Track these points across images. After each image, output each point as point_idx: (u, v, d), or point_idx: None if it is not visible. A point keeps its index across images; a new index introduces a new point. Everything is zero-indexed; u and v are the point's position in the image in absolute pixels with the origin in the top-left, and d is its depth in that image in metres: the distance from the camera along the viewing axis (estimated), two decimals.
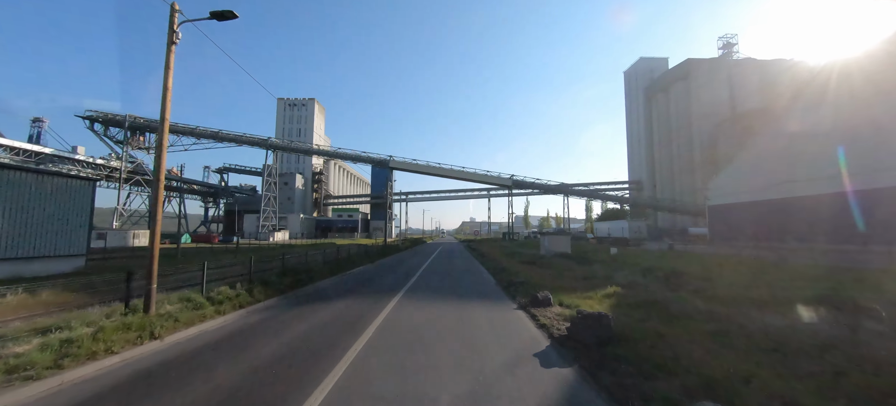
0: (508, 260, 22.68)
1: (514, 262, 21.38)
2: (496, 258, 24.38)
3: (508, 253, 29.22)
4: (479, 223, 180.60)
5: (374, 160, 62.00)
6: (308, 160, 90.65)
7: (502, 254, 28.31)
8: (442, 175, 61.74)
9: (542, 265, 19.09)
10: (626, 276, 13.38)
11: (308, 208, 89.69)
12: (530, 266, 18.96)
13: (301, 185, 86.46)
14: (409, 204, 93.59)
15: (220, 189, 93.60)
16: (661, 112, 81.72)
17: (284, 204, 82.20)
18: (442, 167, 60.73)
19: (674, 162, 77.12)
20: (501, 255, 26.80)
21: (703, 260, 20.69)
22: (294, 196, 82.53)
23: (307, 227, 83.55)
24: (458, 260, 24.34)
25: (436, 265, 22.31)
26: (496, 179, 60.59)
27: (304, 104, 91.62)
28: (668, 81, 79.77)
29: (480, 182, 62.09)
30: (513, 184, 59.81)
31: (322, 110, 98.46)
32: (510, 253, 29.10)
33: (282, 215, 78.58)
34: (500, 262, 21.56)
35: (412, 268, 20.56)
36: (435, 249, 37.32)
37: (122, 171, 63.29)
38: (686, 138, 73.95)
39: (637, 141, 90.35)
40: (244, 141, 63.70)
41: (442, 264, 22.74)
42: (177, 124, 64.75)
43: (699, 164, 69.45)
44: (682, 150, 74.20)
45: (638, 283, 12.15)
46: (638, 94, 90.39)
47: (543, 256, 23.40)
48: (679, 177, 74.64)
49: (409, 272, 18.30)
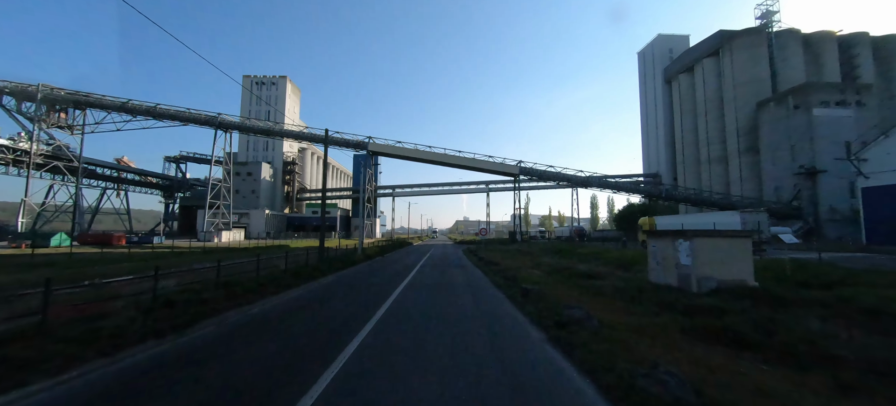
0: (612, 306, 8.29)
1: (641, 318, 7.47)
2: (558, 291, 10.55)
3: (563, 272, 14.71)
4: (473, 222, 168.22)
5: (350, 143, 50.40)
6: (278, 148, 78.34)
7: (555, 277, 14.18)
8: (433, 161, 50.46)
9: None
10: None
11: (278, 203, 77.38)
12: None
13: (269, 177, 74.18)
14: (397, 200, 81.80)
15: (177, 181, 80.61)
16: (685, 95, 71.57)
17: (248, 198, 69.97)
18: (433, 152, 49.48)
19: (701, 151, 66.96)
20: (563, 284, 12.33)
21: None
22: (259, 189, 70.25)
23: (276, 224, 71.34)
24: (465, 296, 10.69)
25: (411, 317, 8.10)
26: (499, 167, 49.50)
27: (274, 82, 79.28)
28: (693, 59, 69.59)
29: (480, 170, 50.93)
30: (520, 172, 48.84)
31: (296, 92, 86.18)
32: (566, 273, 14.46)
33: (242, 211, 66.28)
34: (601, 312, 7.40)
35: (347, 322, 8.28)
36: (421, 258, 23.86)
37: (33, 155, 50.38)
38: (718, 123, 63.82)
39: (654, 129, 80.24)
40: (187, 118, 51.42)
41: (428, 315, 8.29)
42: (104, 97, 52.11)
43: (736, 151, 59.26)
44: (714, 137, 64.01)
45: None
46: (655, 77, 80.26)
47: (681, 291, 8.99)
48: (709, 167, 64.44)
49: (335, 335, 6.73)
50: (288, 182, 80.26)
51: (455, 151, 49.54)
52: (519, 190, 50.43)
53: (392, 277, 15.11)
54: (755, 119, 56.86)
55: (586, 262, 17.20)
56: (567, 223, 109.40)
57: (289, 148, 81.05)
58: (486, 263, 18.61)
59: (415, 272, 16.43)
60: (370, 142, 49.53)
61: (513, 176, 50.63)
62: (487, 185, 78.90)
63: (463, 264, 19.97)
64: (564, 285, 11.53)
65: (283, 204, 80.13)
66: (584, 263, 16.96)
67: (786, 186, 50.76)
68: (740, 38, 61.06)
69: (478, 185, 79.34)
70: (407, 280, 14.08)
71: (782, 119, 51.79)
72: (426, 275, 15.67)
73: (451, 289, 11.97)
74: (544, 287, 10.51)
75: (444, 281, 13.77)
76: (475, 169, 51.81)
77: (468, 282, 13.45)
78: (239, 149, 78.67)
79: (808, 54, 60.85)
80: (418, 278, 14.61)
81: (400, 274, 16.11)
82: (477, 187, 79.79)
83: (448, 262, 20.76)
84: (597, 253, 19.85)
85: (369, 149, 49.90)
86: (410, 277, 14.84)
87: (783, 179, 51.11)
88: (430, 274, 15.94)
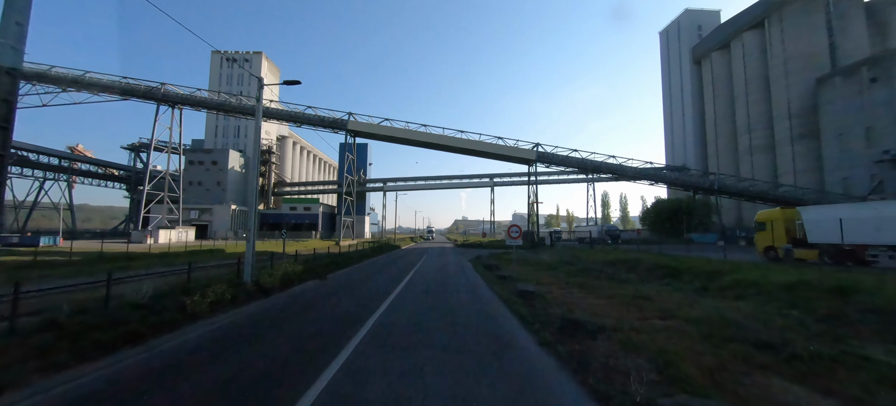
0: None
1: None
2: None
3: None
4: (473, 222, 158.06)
5: (325, 121, 40.55)
6: (251, 134, 68.03)
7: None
8: (429, 144, 40.89)
9: None
10: None
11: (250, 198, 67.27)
12: None
13: (239, 167, 64.06)
14: (390, 196, 72.01)
15: (136, 172, 70.14)
16: (719, 76, 62.45)
17: (212, 190, 59.88)
18: (429, 133, 39.81)
19: (740, 139, 57.89)
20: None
21: None
22: (226, 180, 60.11)
23: (247, 222, 61.41)
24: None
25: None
26: (511, 153, 39.95)
27: (247, 59, 69.06)
28: (730, 33, 60.45)
29: (488, 155, 41.35)
30: (537, 159, 39.32)
31: (275, 72, 76.03)
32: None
33: (204, 206, 56.22)
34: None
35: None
36: (403, 277, 14.17)
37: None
38: (762, 106, 54.74)
39: (679, 117, 71.14)
40: (124, 91, 41.27)
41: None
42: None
43: (787, 138, 50.10)
44: (758, 123, 54.92)
45: None
46: (681, 58, 71.09)
47: None
48: (750, 157, 55.37)
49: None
50: (263, 173, 70.23)
51: (456, 132, 39.89)
52: (535, 183, 40.78)
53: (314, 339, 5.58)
54: (814, 98, 47.77)
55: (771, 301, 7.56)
56: (576, 223, 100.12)
57: (265, 135, 70.92)
58: (532, 300, 8.92)
59: (365, 333, 6.74)
60: (350, 120, 39.74)
61: (528, 163, 41.12)
62: (492, 179, 69.33)
63: (482, 301, 9.79)
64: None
65: (258, 199, 70.02)
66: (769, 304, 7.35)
67: (858, 177, 41.73)
68: (792, 5, 51.81)
69: (481, 178, 69.74)
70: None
71: (853, 96, 42.66)
72: (391, 351, 5.94)
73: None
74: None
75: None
76: (481, 154, 42.22)
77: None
78: (206, 135, 68.56)
79: (872, 23, 51.75)
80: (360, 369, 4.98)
81: (331, 331, 6.50)
82: (480, 182, 70.19)
83: (448, 289, 11.16)
84: (734, 276, 10.24)
85: (349, 128, 40.12)
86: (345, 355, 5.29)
87: (855, 169, 42.08)
88: (401, 349, 6.27)
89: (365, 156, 76.48)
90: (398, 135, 40.03)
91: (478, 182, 70.16)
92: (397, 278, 13.55)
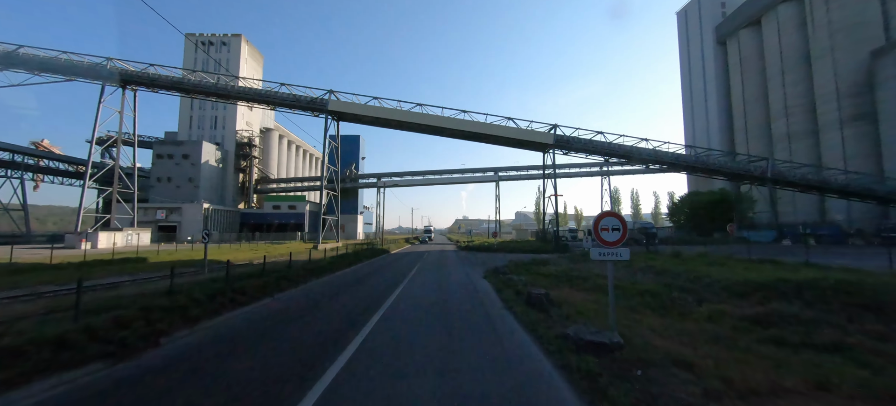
0: None
1: None
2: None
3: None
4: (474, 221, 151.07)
5: (302, 102, 33.85)
6: (230, 125, 61.54)
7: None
8: (425, 127, 34.52)
9: None
10: None
11: (229, 196, 60.66)
12: None
13: (216, 161, 57.40)
14: (383, 192, 65.42)
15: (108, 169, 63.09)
16: (749, 55, 56.42)
17: (183, 187, 53.24)
18: (424, 115, 33.31)
19: (775, 124, 51.92)
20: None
21: None
22: (199, 177, 53.43)
23: (224, 222, 54.78)
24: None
25: None
26: (524, 137, 33.55)
27: (225, 42, 62.37)
28: (761, 8, 54.35)
29: (496, 140, 34.93)
30: (556, 144, 32.95)
31: (258, 58, 69.30)
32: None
33: (171, 205, 49.63)
34: None
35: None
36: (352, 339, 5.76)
37: None
38: (801, 86, 48.71)
39: (701, 102, 65.09)
40: (63, 70, 34.59)
41: None
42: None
43: (836, 120, 44.02)
44: (798, 105, 48.90)
45: None
46: (702, 38, 65.02)
47: None
48: (788, 144, 49.41)
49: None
50: (244, 169, 63.62)
51: (458, 112, 33.42)
52: (554, 173, 34.29)
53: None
54: (867, 75, 41.74)
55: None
56: (584, 222, 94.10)
57: (245, 125, 64.27)
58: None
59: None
60: (330, 98, 33.22)
61: (544, 149, 34.79)
62: (497, 173, 62.98)
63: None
64: None
65: (238, 196, 63.46)
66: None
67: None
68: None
69: (485, 171, 63.40)
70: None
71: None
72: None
73: None
74: None
75: None
76: (488, 138, 35.87)
77: None
78: (180, 127, 61.86)
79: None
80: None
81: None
82: (484, 176, 63.86)
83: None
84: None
85: (331, 109, 33.58)
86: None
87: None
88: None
89: (357, 149, 70.00)
90: (389, 116, 33.54)
91: (481, 176, 63.82)
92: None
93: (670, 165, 35.49)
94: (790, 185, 35.59)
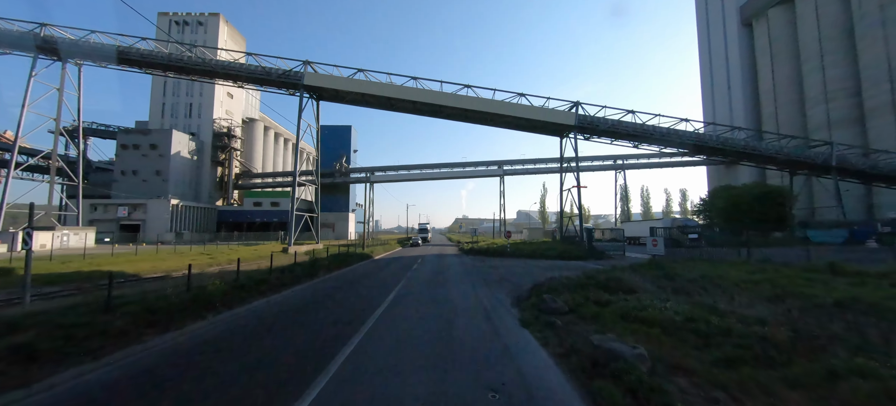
0: None
1: None
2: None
3: None
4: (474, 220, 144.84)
5: (272, 76, 28.05)
6: (206, 114, 55.71)
7: None
8: (423, 107, 28.95)
9: None
10: None
11: (205, 191, 54.86)
12: None
13: (189, 153, 51.58)
14: (383, 189, 59.82)
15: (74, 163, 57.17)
16: (779, 36, 51.20)
17: (150, 181, 47.40)
18: (421, 89, 27.66)
19: (811, 111, 46.71)
20: None
21: None
22: (168, 169, 47.59)
23: (199, 221, 49.09)
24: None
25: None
26: (541, 116, 28.09)
27: (201, 22, 56.51)
28: None
29: (505, 120, 29.22)
30: (577, 127, 27.45)
31: (239, 41, 63.40)
32: None
33: (134, 201, 43.84)
34: None
35: None
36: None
37: None
38: (843, 69, 43.55)
39: (723, 89, 59.85)
40: None
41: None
42: None
43: (888, 103, 38.80)
44: (839, 90, 43.70)
45: None
46: (725, 19, 59.75)
47: None
48: (828, 133, 44.10)
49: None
50: (223, 162, 57.86)
51: (460, 88, 27.84)
52: (577, 166, 28.67)
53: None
54: None
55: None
56: (592, 221, 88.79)
57: (224, 114, 58.46)
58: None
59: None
60: (305, 70, 27.55)
61: (562, 132, 29.36)
62: (501, 166, 57.53)
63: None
64: None
65: (215, 192, 57.65)
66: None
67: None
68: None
69: (488, 165, 57.89)
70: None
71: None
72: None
73: None
74: None
75: None
76: (496, 119, 30.33)
77: None
78: (151, 117, 55.97)
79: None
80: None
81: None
82: (487, 170, 58.34)
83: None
84: None
85: (307, 84, 27.93)
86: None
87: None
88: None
89: (348, 141, 64.40)
90: (377, 92, 27.93)
91: (484, 170, 58.30)
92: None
93: (713, 151, 30.20)
94: (858, 176, 30.22)
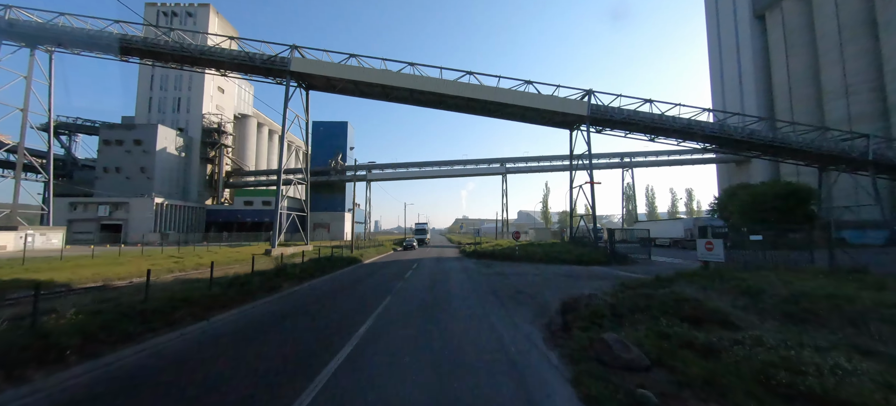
0: None
1: None
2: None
3: None
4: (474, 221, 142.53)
5: (256, 62, 25.78)
6: (195, 109, 53.23)
7: None
8: (421, 96, 26.66)
9: None
10: None
11: (194, 189, 52.40)
12: None
13: (176, 149, 49.11)
14: (381, 188, 57.41)
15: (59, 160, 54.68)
16: (794, 28, 49.03)
17: (134, 179, 44.93)
18: (419, 77, 25.39)
19: (829, 106, 44.52)
20: None
21: None
22: (153, 166, 45.12)
23: (187, 221, 46.64)
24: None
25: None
26: (550, 106, 25.80)
27: (190, 12, 54.06)
28: None
29: (512, 110, 26.83)
30: (590, 119, 25.17)
31: (230, 32, 60.90)
32: None
33: (115, 200, 41.39)
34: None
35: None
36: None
37: None
38: (863, 61, 41.43)
39: (733, 83, 57.66)
40: None
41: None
42: None
43: None
44: (861, 83, 41.57)
45: None
46: (736, 11, 57.52)
47: None
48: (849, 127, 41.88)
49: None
50: (213, 159, 55.41)
51: (462, 74, 25.55)
52: (590, 163, 26.39)
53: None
54: None
55: None
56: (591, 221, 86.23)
57: (214, 109, 56.00)
58: None
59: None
60: (292, 55, 25.25)
61: (572, 124, 27.13)
62: (503, 164, 55.25)
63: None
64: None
65: (205, 190, 55.18)
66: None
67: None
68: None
69: (490, 163, 55.59)
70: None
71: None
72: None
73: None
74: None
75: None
76: (500, 110, 28.04)
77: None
78: (138, 112, 53.46)
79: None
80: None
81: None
82: (488, 168, 56.03)
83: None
84: None
85: (293, 69, 25.62)
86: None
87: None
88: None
89: (344, 138, 61.98)
90: (372, 79, 25.62)
91: (486, 168, 56.00)
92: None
93: (738, 145, 27.94)
94: (891, 172, 27.98)
